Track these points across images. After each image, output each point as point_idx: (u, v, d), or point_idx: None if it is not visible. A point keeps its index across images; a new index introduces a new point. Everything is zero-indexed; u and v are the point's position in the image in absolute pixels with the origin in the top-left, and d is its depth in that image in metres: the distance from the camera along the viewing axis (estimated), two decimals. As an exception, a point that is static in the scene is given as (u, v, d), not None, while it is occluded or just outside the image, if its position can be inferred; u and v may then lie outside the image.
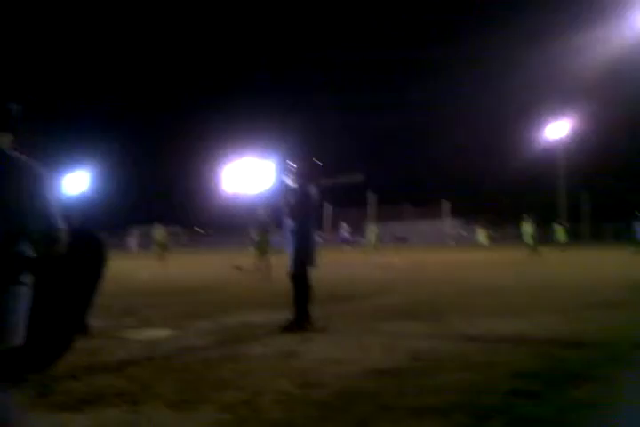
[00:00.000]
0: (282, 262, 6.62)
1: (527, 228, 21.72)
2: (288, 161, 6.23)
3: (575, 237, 30.24)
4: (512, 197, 59.34)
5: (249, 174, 52.90)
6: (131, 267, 18.59)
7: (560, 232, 25.89)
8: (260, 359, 4.32)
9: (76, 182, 54.45)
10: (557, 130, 45.22)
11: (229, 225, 65.15)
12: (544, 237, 22.87)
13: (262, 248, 12.60)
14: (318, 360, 4.24)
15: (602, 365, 3.94)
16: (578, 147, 45.53)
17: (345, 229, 30.88)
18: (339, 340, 5.10)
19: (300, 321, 5.72)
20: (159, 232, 22.07)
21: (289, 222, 6.02)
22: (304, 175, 6.12)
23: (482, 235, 35.37)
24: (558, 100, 46.28)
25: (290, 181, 6.16)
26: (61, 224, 2.01)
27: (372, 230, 26.27)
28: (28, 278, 1.99)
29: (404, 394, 3.31)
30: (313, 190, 6.12)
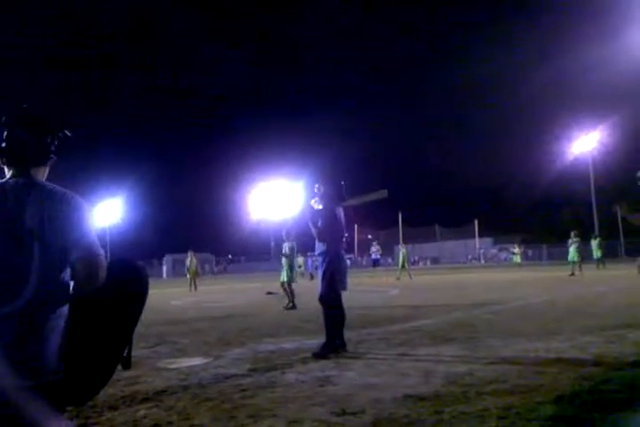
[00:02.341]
0: (312, 286, 6.61)
1: (575, 246, 21.34)
2: (314, 183, 6.25)
3: (612, 253, 29.40)
4: (543, 214, 58.45)
5: (276, 199, 53.25)
6: (163, 295, 18.76)
7: (596, 247, 25.17)
8: (296, 387, 4.29)
9: (107, 212, 55.51)
10: (586, 143, 44.53)
11: (259, 250, 65.44)
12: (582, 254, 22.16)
13: (287, 273, 12.28)
14: (354, 387, 4.20)
15: (647, 387, 3.81)
16: (607, 160, 44.80)
17: (376, 250, 30.56)
18: (373, 365, 5.04)
19: (333, 346, 5.67)
20: (191, 260, 22.25)
21: (318, 245, 6.01)
22: (330, 197, 6.11)
23: (515, 254, 34.76)
24: (586, 113, 45.77)
25: (316, 203, 6.16)
26: (100, 250, 2.05)
27: (401, 251, 26.05)
28: (66, 310, 2.02)
29: (443, 421, 3.24)
30: (340, 212, 6.10)
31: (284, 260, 12.06)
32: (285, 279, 11.89)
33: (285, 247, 12.12)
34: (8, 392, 1.80)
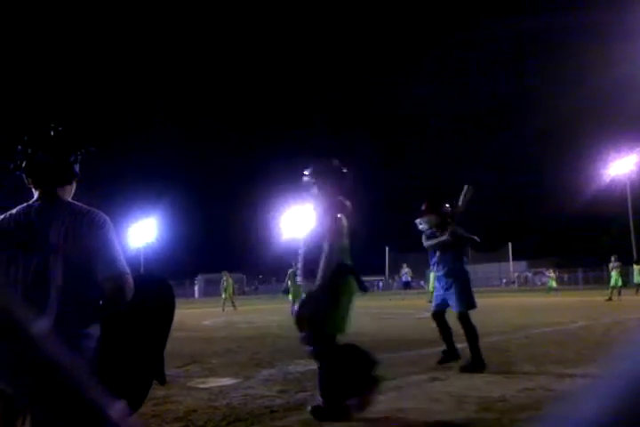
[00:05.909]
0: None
1: (617, 271, 20.94)
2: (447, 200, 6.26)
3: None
4: (579, 238, 57.20)
5: (308, 220, 53.19)
6: (195, 314, 18.86)
7: (638, 272, 24.46)
8: (325, 409, 4.25)
9: (142, 232, 56.33)
10: (623, 166, 43.64)
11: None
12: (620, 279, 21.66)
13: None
14: (384, 411, 4.15)
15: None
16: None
17: (406, 273, 30.23)
18: (404, 389, 4.97)
19: (480, 361, 5.70)
20: (227, 280, 22.49)
21: (456, 262, 6.13)
22: (450, 213, 6.22)
23: (551, 278, 34.04)
24: (623, 136, 44.94)
25: (421, 224, 6.15)
26: (126, 268, 2.08)
27: (432, 274, 25.80)
28: (97, 329, 2.04)
29: (476, 447, 3.18)
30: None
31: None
32: None
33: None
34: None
